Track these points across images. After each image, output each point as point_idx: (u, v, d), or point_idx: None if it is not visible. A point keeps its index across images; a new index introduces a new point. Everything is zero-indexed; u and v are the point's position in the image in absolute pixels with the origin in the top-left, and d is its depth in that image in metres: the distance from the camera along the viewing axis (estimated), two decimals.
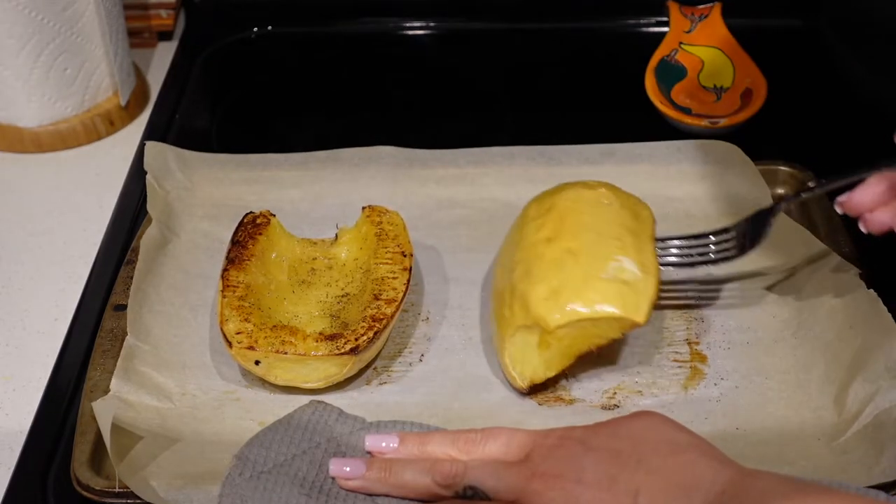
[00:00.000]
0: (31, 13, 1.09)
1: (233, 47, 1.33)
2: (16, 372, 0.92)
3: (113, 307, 0.92)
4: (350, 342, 0.85)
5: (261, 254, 0.93)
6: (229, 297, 0.88)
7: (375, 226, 0.95)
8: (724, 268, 0.96)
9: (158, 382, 0.87)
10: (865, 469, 0.78)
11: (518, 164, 1.06)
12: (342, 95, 1.26)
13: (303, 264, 0.96)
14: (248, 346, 0.85)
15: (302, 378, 0.86)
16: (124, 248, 1.00)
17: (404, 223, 0.96)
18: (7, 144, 1.16)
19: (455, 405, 0.86)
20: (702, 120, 1.14)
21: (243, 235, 0.94)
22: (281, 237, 0.96)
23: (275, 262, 0.95)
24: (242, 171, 1.07)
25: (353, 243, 0.96)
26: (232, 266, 0.91)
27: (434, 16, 1.34)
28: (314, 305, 0.93)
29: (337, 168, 1.07)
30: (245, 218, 0.96)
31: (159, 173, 1.03)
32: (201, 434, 0.84)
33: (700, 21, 1.24)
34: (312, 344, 0.85)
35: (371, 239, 0.95)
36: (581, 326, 0.84)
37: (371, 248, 0.94)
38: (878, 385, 0.82)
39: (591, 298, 0.83)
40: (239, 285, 0.89)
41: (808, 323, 0.91)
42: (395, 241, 0.94)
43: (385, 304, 0.88)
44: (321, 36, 1.34)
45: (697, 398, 0.87)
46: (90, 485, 0.78)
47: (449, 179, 1.06)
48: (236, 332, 0.85)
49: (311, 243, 0.97)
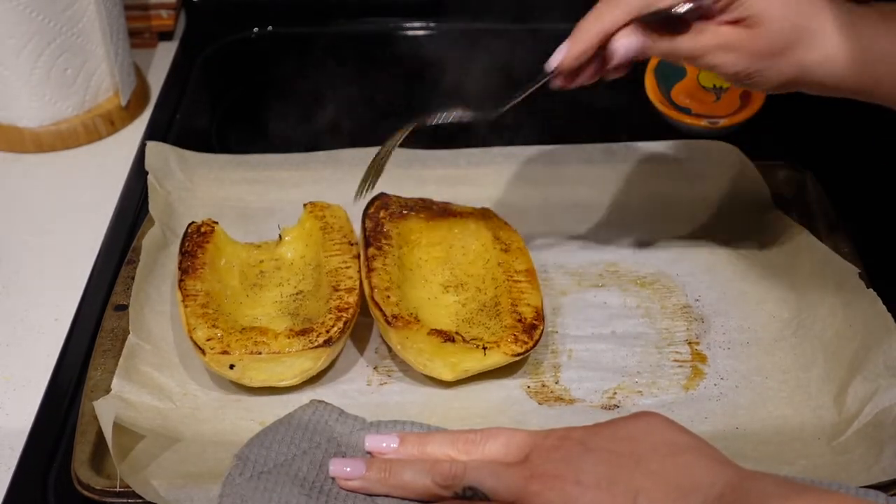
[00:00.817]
0: (32, 13, 1.09)
1: (233, 47, 1.33)
2: (16, 372, 0.92)
3: (113, 307, 0.92)
4: (322, 335, 0.85)
5: (211, 261, 0.93)
6: (192, 306, 0.88)
7: (319, 220, 0.96)
8: (723, 268, 0.96)
9: (160, 382, 0.87)
10: (865, 468, 0.78)
11: (519, 165, 1.06)
12: (342, 95, 1.25)
13: (251, 268, 0.96)
14: (221, 351, 0.85)
15: (277, 377, 0.86)
16: (125, 248, 1.00)
17: (347, 215, 0.97)
18: (7, 144, 1.16)
19: (455, 405, 0.86)
20: (701, 120, 1.14)
21: (191, 245, 0.94)
22: (226, 244, 0.96)
23: (225, 269, 0.95)
24: (243, 171, 1.07)
25: (298, 241, 0.97)
26: (187, 276, 0.91)
27: (434, 16, 1.34)
28: (271, 306, 0.93)
29: (337, 168, 1.07)
30: (189, 228, 0.96)
31: (160, 174, 1.03)
32: (202, 434, 0.84)
33: None
34: (285, 341, 0.85)
35: (316, 234, 0.95)
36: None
37: (317, 244, 0.95)
38: (878, 384, 0.82)
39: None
40: (199, 293, 0.89)
41: (807, 322, 0.91)
42: (341, 232, 0.95)
43: (346, 293, 0.89)
44: (321, 36, 1.34)
45: (697, 398, 0.87)
46: (91, 484, 0.78)
47: (449, 180, 1.06)
48: (207, 339, 0.85)
49: (255, 247, 0.98)
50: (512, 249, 0.95)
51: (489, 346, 0.86)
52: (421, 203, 0.99)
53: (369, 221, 0.95)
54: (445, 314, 0.92)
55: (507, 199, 1.03)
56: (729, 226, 1.01)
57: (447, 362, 0.86)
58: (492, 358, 0.86)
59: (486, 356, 0.86)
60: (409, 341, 0.86)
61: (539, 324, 0.88)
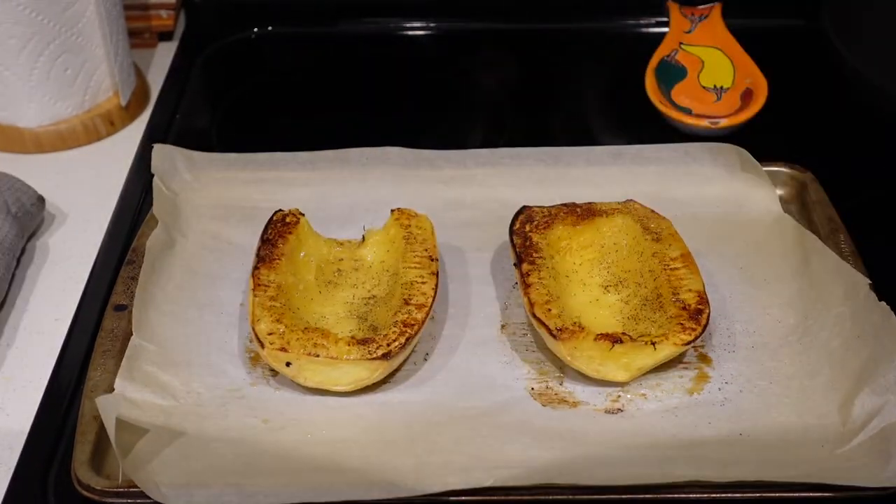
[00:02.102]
0: (32, 13, 1.09)
1: (233, 47, 1.33)
2: (16, 372, 0.92)
3: (113, 307, 0.92)
4: (382, 347, 0.85)
5: (290, 253, 0.93)
6: (261, 297, 0.88)
7: (404, 229, 0.95)
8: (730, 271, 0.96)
9: (163, 381, 0.87)
10: (872, 474, 0.78)
11: (526, 166, 1.06)
12: (342, 96, 1.26)
13: (329, 265, 0.96)
14: (279, 348, 0.85)
15: (332, 381, 0.85)
16: (124, 248, 1.00)
17: (433, 227, 0.96)
18: (7, 144, 1.16)
19: (459, 405, 0.86)
20: (702, 120, 1.14)
21: (273, 234, 0.94)
22: (309, 236, 0.96)
23: (303, 262, 0.95)
24: (250, 170, 1.06)
25: (380, 245, 0.96)
26: (263, 265, 0.91)
27: (434, 16, 1.34)
28: (341, 306, 0.93)
29: (344, 168, 1.06)
30: (275, 216, 0.96)
31: (166, 175, 1.03)
32: (205, 430, 0.83)
33: (700, 21, 1.24)
34: (344, 348, 0.85)
35: (399, 242, 0.95)
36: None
37: (399, 252, 0.94)
38: (887, 398, 0.82)
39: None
40: (270, 284, 0.89)
41: (813, 329, 0.91)
42: (423, 245, 0.94)
43: (416, 309, 0.88)
44: (321, 36, 1.34)
45: (702, 402, 0.86)
46: (91, 484, 0.78)
47: (457, 180, 1.06)
48: (268, 333, 0.85)
49: (337, 244, 0.97)
50: (663, 237, 0.94)
51: (658, 339, 0.85)
52: (564, 208, 0.97)
53: (517, 238, 0.94)
54: (610, 314, 0.92)
55: (514, 200, 1.02)
56: (736, 229, 1.01)
57: (619, 364, 0.85)
58: (663, 351, 0.85)
59: (657, 350, 0.85)
60: (577, 351, 0.85)
61: (704, 307, 0.88)
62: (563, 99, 1.24)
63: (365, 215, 1.01)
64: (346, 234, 1.00)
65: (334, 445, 0.83)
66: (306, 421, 0.85)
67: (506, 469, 0.79)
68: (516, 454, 0.82)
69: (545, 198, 1.00)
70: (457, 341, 0.92)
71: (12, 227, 0.99)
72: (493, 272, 0.98)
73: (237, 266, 0.98)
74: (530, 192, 1.02)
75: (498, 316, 0.94)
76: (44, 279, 1.01)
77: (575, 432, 0.84)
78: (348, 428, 0.84)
